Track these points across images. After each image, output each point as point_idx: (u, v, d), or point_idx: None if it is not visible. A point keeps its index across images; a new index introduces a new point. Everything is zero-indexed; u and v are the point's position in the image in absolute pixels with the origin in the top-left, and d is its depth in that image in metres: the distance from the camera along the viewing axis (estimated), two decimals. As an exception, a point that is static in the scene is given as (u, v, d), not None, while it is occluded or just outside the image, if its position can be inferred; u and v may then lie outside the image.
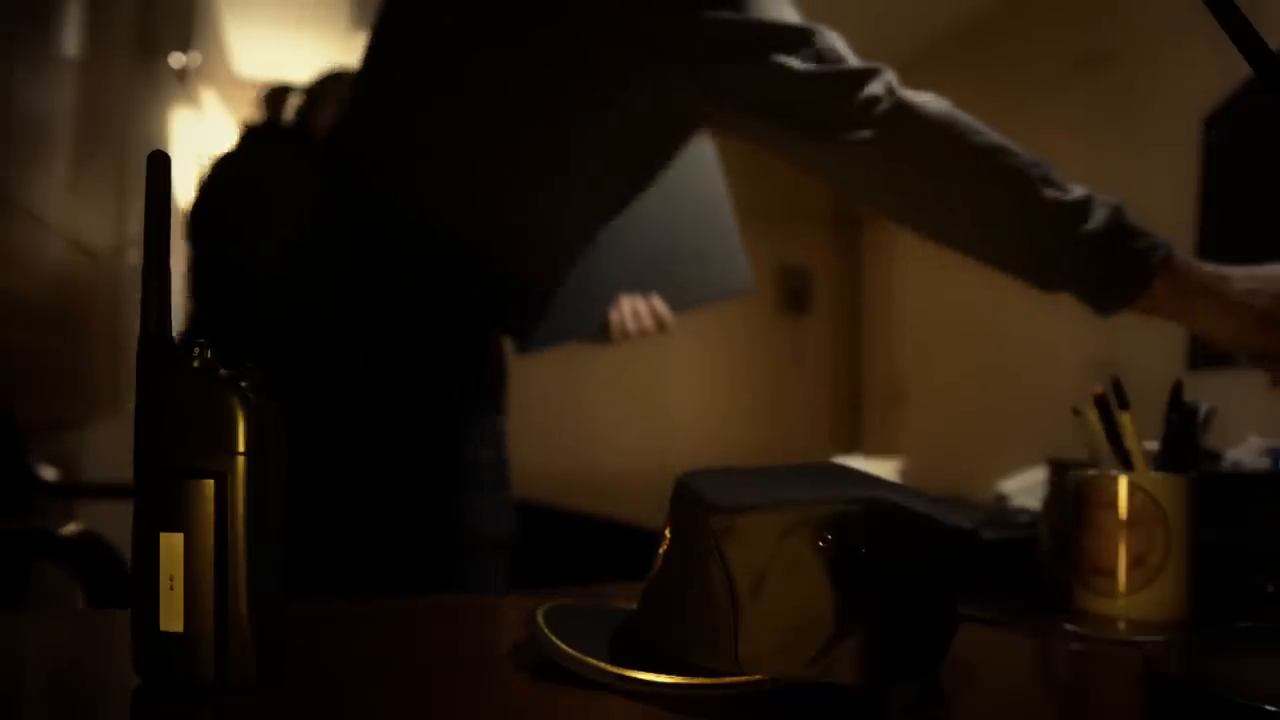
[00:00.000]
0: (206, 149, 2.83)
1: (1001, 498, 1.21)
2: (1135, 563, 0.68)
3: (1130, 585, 0.68)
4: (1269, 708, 0.42)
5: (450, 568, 1.00)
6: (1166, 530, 0.68)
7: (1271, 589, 0.75)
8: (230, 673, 0.46)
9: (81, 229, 2.18)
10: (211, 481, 0.46)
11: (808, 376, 5.10)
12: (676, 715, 0.46)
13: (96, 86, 2.26)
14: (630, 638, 0.53)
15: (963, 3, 3.68)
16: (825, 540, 0.45)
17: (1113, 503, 0.69)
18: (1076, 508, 0.72)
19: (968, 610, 0.52)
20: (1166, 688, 0.49)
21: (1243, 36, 0.50)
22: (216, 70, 3.78)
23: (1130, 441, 0.71)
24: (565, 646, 0.50)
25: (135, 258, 2.44)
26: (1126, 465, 0.71)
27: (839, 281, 5.18)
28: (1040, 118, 3.43)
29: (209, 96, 3.60)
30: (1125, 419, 0.72)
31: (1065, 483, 0.76)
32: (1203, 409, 0.74)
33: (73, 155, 2.09)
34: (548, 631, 0.52)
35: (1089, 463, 0.73)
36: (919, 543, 0.48)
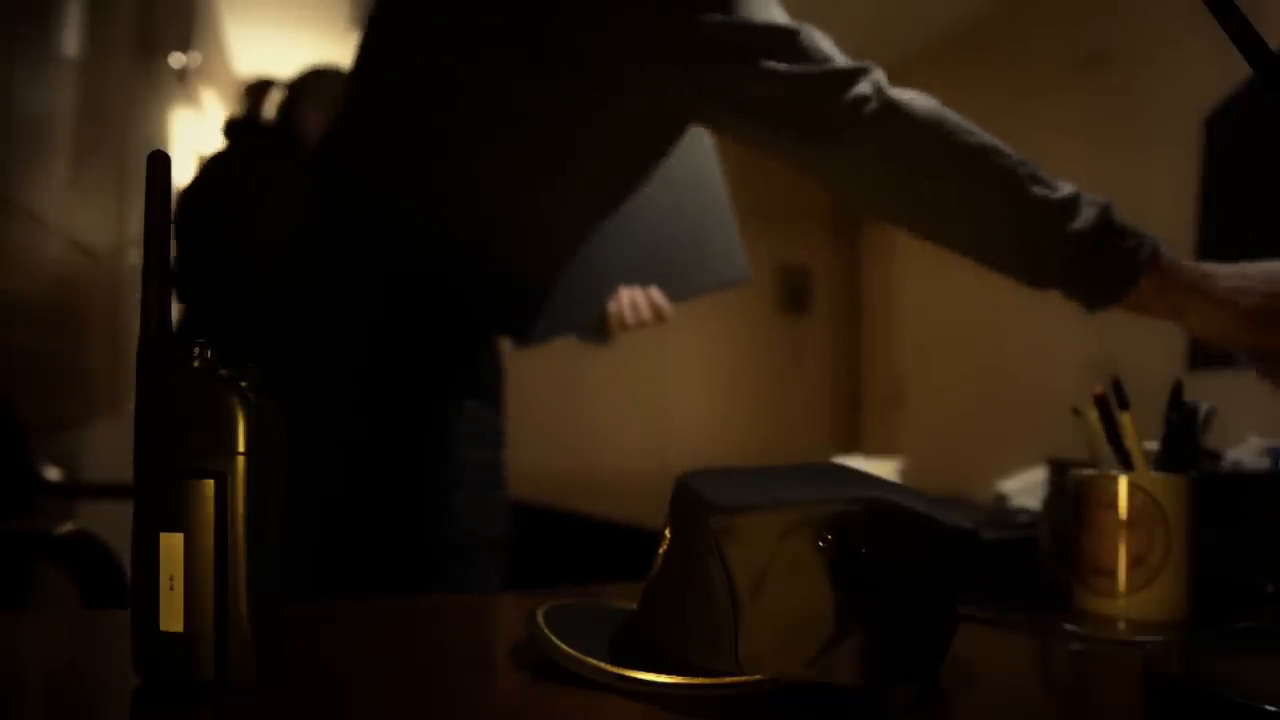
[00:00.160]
0: (206, 149, 2.83)
1: (1001, 498, 1.21)
2: (1135, 563, 0.68)
3: (1130, 585, 0.68)
4: (1269, 708, 0.42)
5: (446, 568, 1.00)
6: (1166, 530, 0.68)
7: (1271, 589, 0.75)
8: (230, 673, 0.46)
9: (81, 229, 2.18)
10: (211, 481, 0.46)
11: (808, 376, 5.10)
12: (676, 715, 0.46)
13: (96, 86, 2.26)
14: (630, 638, 0.53)
15: (963, 3, 3.68)
16: (825, 540, 0.45)
17: (1113, 503, 0.69)
18: (1076, 508, 0.72)
19: (968, 610, 0.52)
20: (1166, 688, 0.49)
21: (1243, 36, 0.50)
22: (216, 70, 3.77)
23: (1130, 441, 0.71)
24: (565, 646, 0.50)
25: (135, 258, 2.44)
26: (1126, 465, 0.71)
27: (839, 281, 5.18)
28: (1040, 118, 3.43)
29: (209, 96, 3.60)
30: (1125, 419, 0.72)
31: (1065, 483, 0.76)
32: (1203, 409, 0.74)
33: (73, 155, 2.09)
34: (548, 631, 0.52)
35: (1089, 463, 0.73)
36: (919, 543, 0.48)
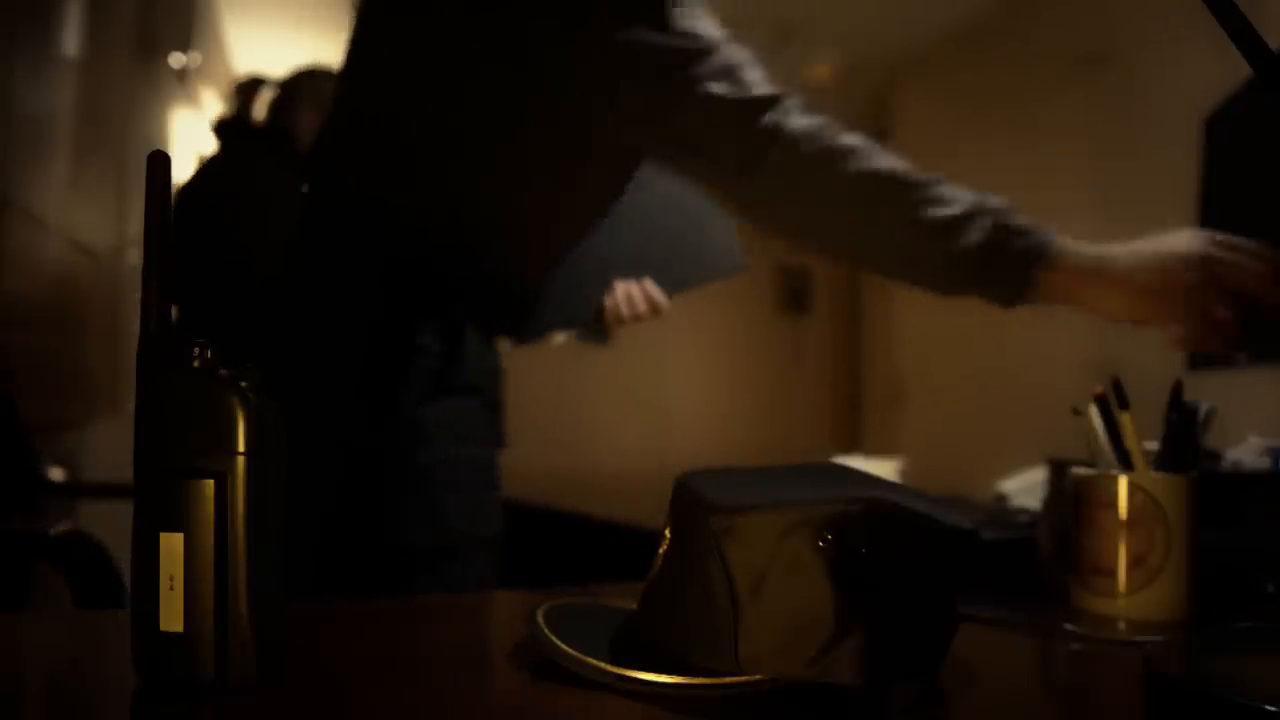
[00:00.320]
0: (204, 149, 2.83)
1: (1001, 498, 1.21)
2: (1135, 563, 0.68)
3: (1130, 585, 0.68)
4: (1269, 708, 0.42)
5: (440, 567, 1.00)
6: (1166, 530, 0.68)
7: (1271, 589, 0.75)
8: (230, 673, 0.46)
9: (81, 229, 2.18)
10: (211, 481, 0.46)
11: (808, 376, 5.10)
12: (676, 715, 0.46)
13: (96, 86, 2.26)
14: (630, 638, 0.53)
15: (963, 3, 3.68)
16: (825, 540, 0.45)
17: (1113, 503, 0.69)
18: (1076, 508, 0.72)
19: (968, 610, 0.52)
20: (1166, 688, 0.49)
21: (1243, 36, 0.50)
22: (216, 70, 3.77)
23: (1130, 441, 0.71)
24: (565, 646, 0.50)
25: (135, 258, 2.44)
26: (1126, 465, 0.71)
27: (839, 281, 5.18)
28: (1040, 118, 3.43)
29: (209, 96, 3.60)
30: (1125, 419, 0.72)
31: (1065, 483, 0.76)
32: (1203, 409, 0.74)
33: (72, 155, 2.09)
34: (548, 631, 0.52)
35: (1089, 463, 0.73)
36: (919, 543, 0.48)
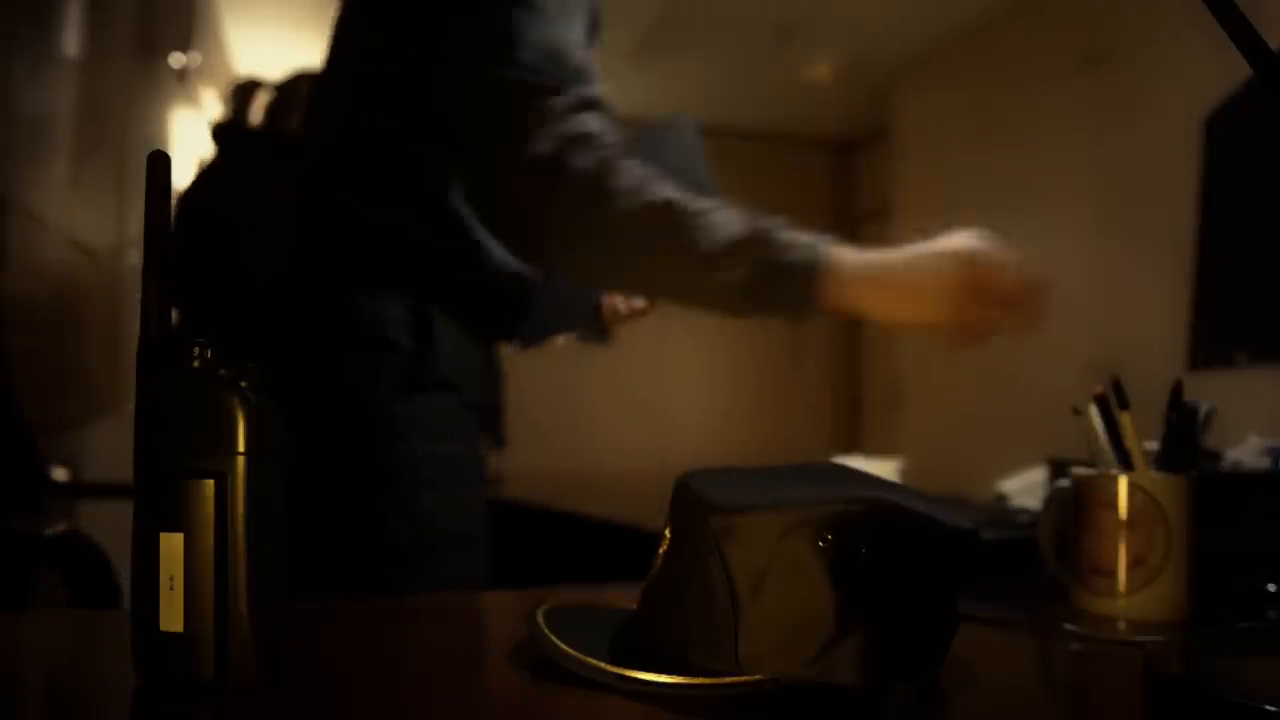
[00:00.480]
0: (205, 153, 2.83)
1: (1001, 498, 1.21)
2: (1135, 563, 0.68)
3: (1130, 585, 0.68)
4: (1269, 708, 0.42)
5: (422, 564, 0.98)
6: (1166, 530, 0.68)
7: (1272, 589, 0.75)
8: (230, 673, 0.46)
9: (81, 229, 2.18)
10: (211, 481, 0.46)
11: (808, 377, 5.10)
12: (676, 715, 0.46)
13: (96, 86, 2.26)
14: (630, 638, 0.53)
15: (964, 4, 3.68)
16: (825, 540, 0.45)
17: (1113, 503, 0.69)
18: (1076, 508, 0.72)
19: (968, 610, 0.52)
20: (1166, 688, 0.49)
21: (1243, 36, 0.50)
22: (216, 70, 3.77)
23: (1130, 441, 0.71)
24: (565, 646, 0.50)
25: (135, 258, 2.44)
26: (1126, 465, 0.71)
27: (839, 282, 5.17)
28: (1040, 118, 3.42)
29: (209, 96, 3.60)
30: (1125, 419, 0.72)
31: (1065, 482, 0.76)
32: (1203, 409, 0.74)
33: (73, 155, 2.09)
34: (548, 631, 0.52)
35: (1089, 463, 0.73)
36: (919, 543, 0.48)
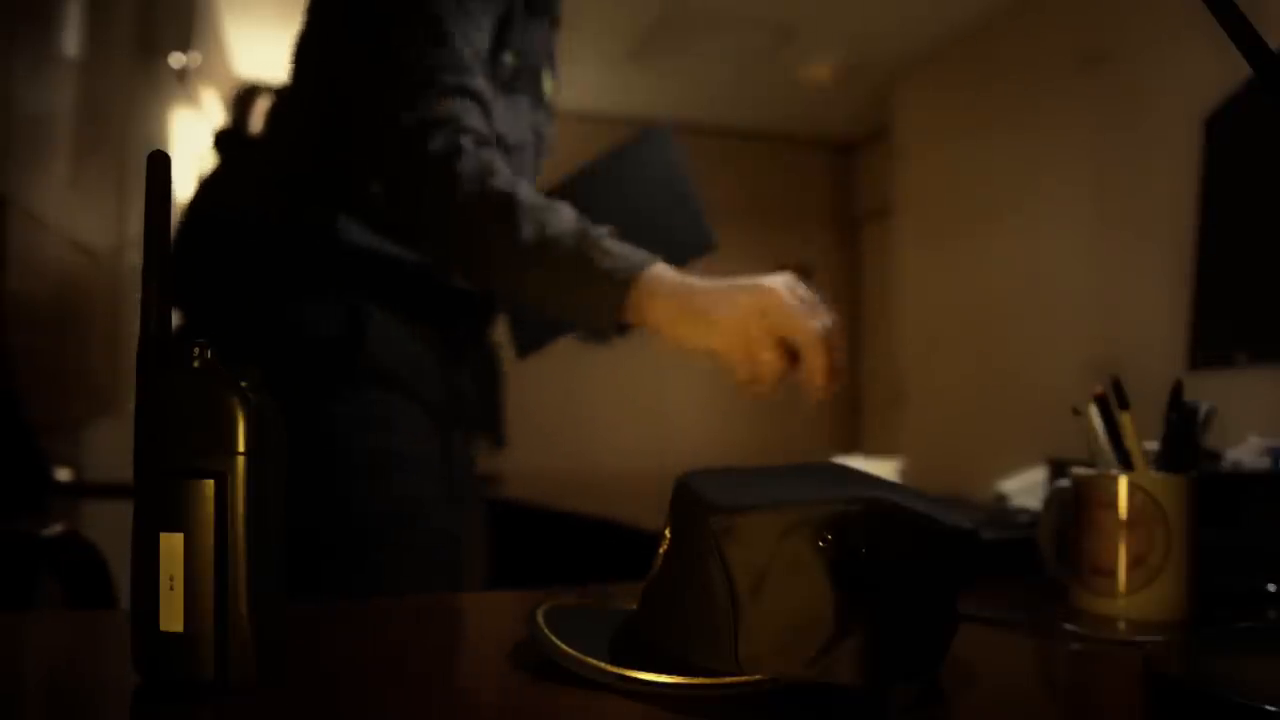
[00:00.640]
0: (206, 149, 2.82)
1: (1001, 498, 1.21)
2: (1135, 563, 0.68)
3: (1130, 585, 0.68)
4: (1269, 708, 0.42)
5: (350, 558, 0.98)
6: (1166, 530, 0.68)
7: (1272, 589, 0.75)
8: (230, 673, 0.46)
9: (81, 229, 2.18)
10: (211, 481, 0.46)
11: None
12: (676, 715, 0.46)
13: (96, 86, 2.25)
14: (630, 638, 0.53)
15: (964, 4, 3.68)
16: (825, 540, 0.45)
17: (1113, 503, 0.69)
18: (1076, 508, 0.72)
19: (968, 610, 0.52)
20: (1166, 688, 0.49)
21: (1243, 36, 0.50)
22: (216, 70, 3.77)
23: (1130, 441, 0.71)
24: (565, 646, 0.50)
25: (135, 258, 2.43)
26: (1126, 465, 0.71)
27: (839, 281, 5.18)
28: (1040, 118, 3.42)
29: (209, 96, 3.60)
30: (1125, 419, 0.72)
31: (1065, 482, 0.76)
32: (1203, 409, 0.73)
33: (73, 155, 2.09)
34: (548, 631, 0.52)
35: (1089, 463, 0.73)
36: (919, 543, 0.48)
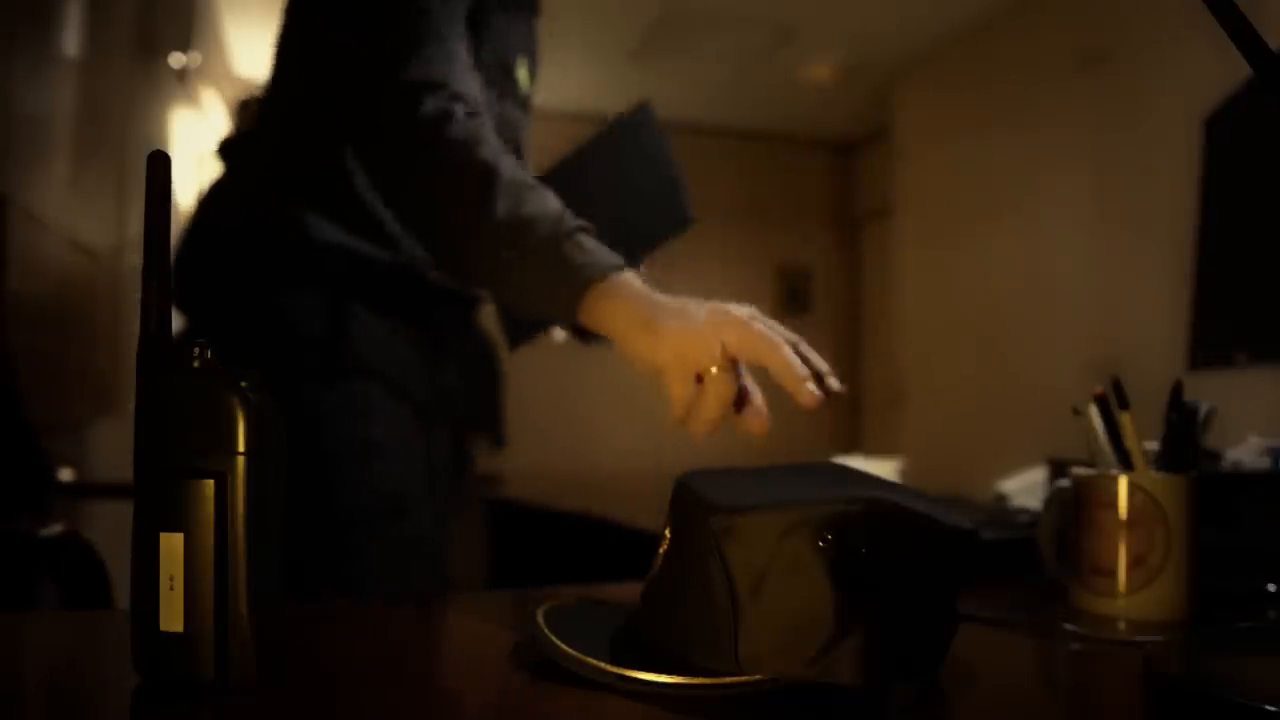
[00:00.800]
0: (206, 149, 2.82)
1: (1001, 498, 1.21)
2: (1135, 563, 0.68)
3: (1130, 585, 0.68)
4: (1269, 708, 0.42)
5: (331, 543, 0.97)
6: (1166, 530, 0.68)
7: (1272, 589, 0.75)
8: (230, 673, 0.46)
9: (81, 229, 2.18)
10: (211, 481, 0.46)
11: (807, 377, 5.08)
12: (676, 715, 0.46)
13: (96, 86, 2.25)
14: (630, 638, 0.53)
15: (964, 4, 3.68)
16: (825, 540, 0.45)
17: (1113, 503, 0.69)
18: (1076, 508, 0.72)
19: (968, 610, 0.52)
20: (1166, 688, 0.49)
21: (1243, 36, 0.50)
22: (216, 70, 3.77)
23: (1130, 441, 0.71)
24: (565, 646, 0.50)
25: (135, 258, 2.43)
26: (1126, 465, 0.71)
27: (839, 281, 5.18)
28: (1040, 118, 3.43)
29: (209, 96, 3.60)
30: (1125, 419, 0.72)
31: (1065, 482, 0.76)
32: (1203, 409, 0.74)
33: (73, 155, 2.09)
34: (548, 631, 0.52)
35: (1089, 463, 0.73)
36: (919, 543, 0.48)
